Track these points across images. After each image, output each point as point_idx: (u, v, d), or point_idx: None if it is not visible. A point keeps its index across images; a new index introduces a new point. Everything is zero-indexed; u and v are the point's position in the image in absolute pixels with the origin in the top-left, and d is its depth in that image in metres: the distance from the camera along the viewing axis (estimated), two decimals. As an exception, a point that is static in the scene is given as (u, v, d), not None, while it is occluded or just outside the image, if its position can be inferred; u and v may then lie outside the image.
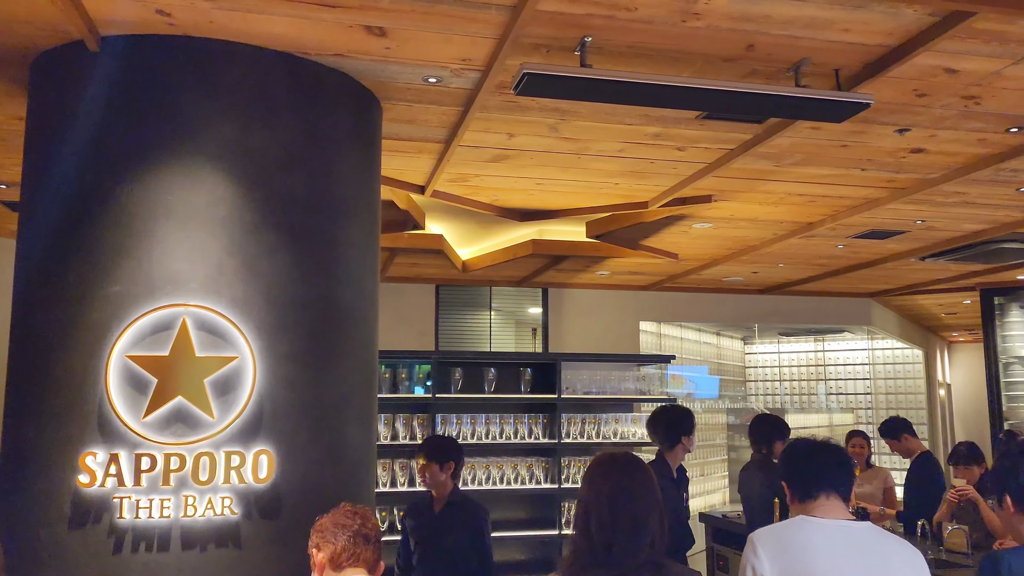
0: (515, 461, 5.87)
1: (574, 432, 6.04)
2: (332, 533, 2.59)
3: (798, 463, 2.45)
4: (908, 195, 5.32)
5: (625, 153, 4.59)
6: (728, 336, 12.58)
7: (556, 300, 8.98)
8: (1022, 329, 9.08)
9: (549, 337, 8.85)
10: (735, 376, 12.95)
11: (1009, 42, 3.21)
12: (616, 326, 9.07)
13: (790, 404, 13.23)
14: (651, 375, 6.99)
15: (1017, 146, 4.42)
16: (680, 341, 10.76)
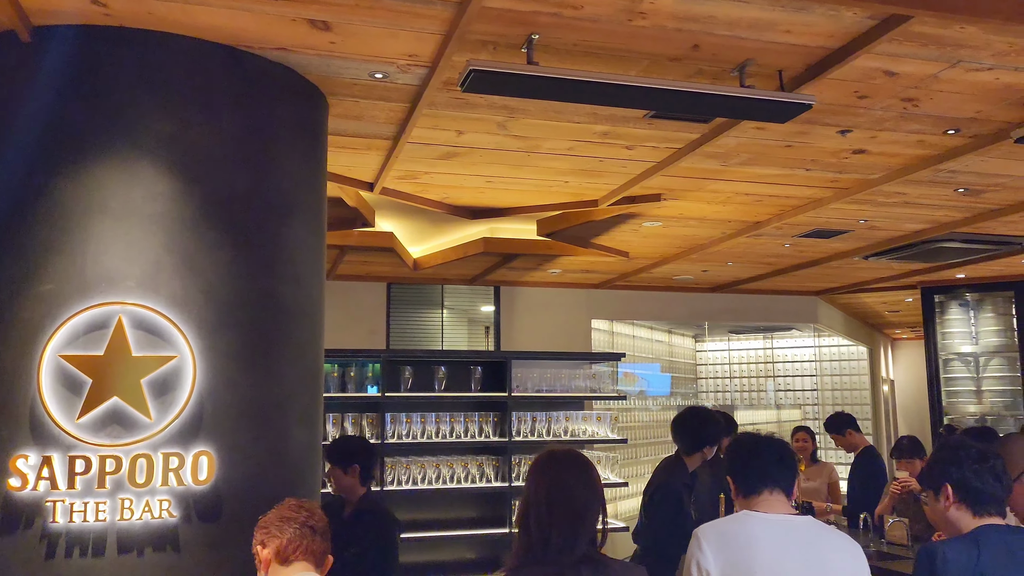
0: (465, 460, 5.85)
1: (525, 430, 6.04)
2: (277, 527, 2.53)
3: (742, 459, 2.47)
4: (851, 195, 5.42)
5: (574, 151, 4.59)
6: (680, 334, 12.72)
7: (508, 298, 8.98)
8: (961, 326, 9.33)
9: (501, 335, 8.84)
10: (687, 373, 13.10)
11: (945, 46, 3.29)
12: (568, 324, 9.10)
13: (740, 401, 13.43)
14: (602, 373, 7.03)
15: (954, 148, 4.53)
16: (632, 339, 10.84)
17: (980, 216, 6.03)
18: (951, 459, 2.50)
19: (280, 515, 2.53)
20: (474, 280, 8.68)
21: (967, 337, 9.26)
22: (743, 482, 2.45)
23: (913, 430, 14.53)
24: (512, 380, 6.09)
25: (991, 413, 9.04)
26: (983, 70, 3.51)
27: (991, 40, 3.23)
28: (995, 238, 6.70)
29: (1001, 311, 9.11)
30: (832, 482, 6.36)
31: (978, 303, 9.25)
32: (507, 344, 8.82)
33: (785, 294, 10.16)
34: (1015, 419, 8.60)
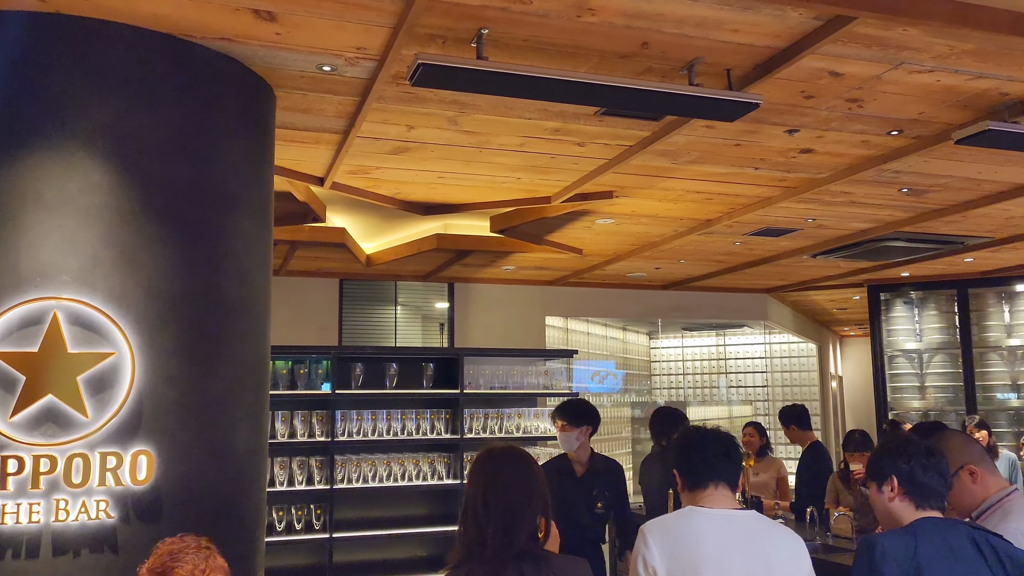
0: (416, 457, 5.81)
1: (477, 427, 6.02)
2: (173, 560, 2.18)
3: (688, 453, 2.49)
4: (799, 194, 5.51)
5: (526, 148, 4.59)
6: (634, 331, 12.82)
7: (462, 295, 8.95)
8: (906, 324, 9.56)
9: (456, 332, 8.81)
10: (640, 370, 13.21)
11: (888, 47, 3.35)
12: (522, 321, 9.11)
13: (693, 397, 13.58)
14: (555, 370, 7.03)
15: (898, 148, 4.62)
16: (587, 336, 10.90)
17: (923, 216, 6.18)
18: (900, 452, 2.55)
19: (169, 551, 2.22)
20: (428, 276, 8.64)
21: (911, 334, 9.49)
22: (689, 477, 2.47)
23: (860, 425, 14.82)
24: (464, 377, 6.07)
25: (934, 409, 9.28)
26: (925, 72, 3.58)
27: (932, 42, 3.30)
28: (938, 237, 6.87)
29: (944, 309, 9.35)
30: (781, 477, 6.46)
31: (922, 301, 9.48)
32: (462, 341, 8.79)
33: (736, 292, 10.31)
34: (957, 414, 8.83)
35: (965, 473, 2.72)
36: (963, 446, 2.79)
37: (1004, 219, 6.29)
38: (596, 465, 4.41)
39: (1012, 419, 8.86)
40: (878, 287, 9.55)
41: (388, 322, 8.74)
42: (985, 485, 2.73)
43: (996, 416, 8.84)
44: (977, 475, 2.73)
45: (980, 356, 9.07)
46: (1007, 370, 8.99)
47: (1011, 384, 8.95)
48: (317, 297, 8.35)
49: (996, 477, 2.78)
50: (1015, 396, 8.91)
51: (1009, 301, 9.04)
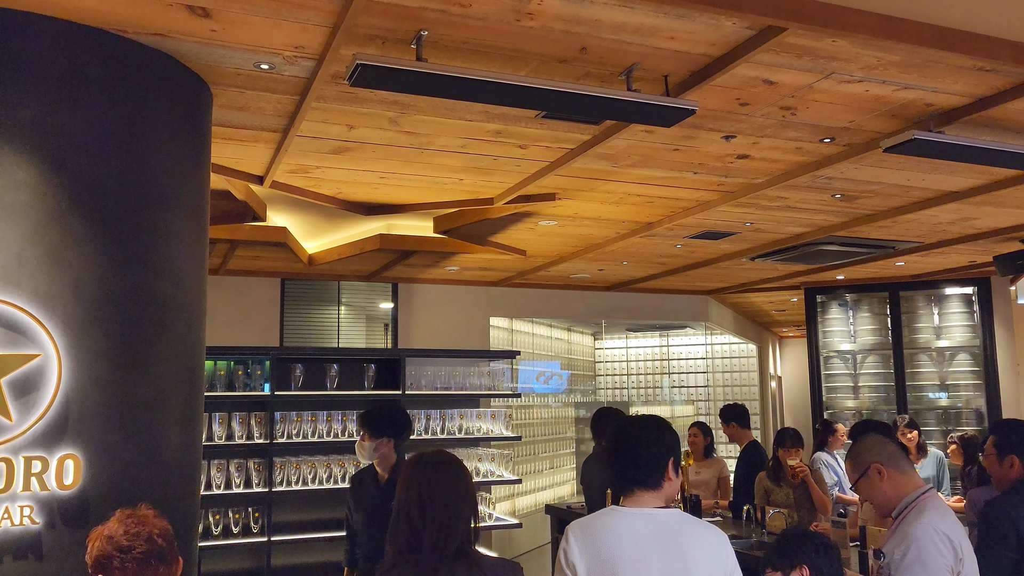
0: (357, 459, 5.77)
1: (419, 428, 6.01)
2: (118, 566, 2.16)
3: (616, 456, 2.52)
4: (736, 198, 5.62)
5: (468, 149, 4.59)
6: (579, 332, 12.91)
7: (406, 295, 8.92)
8: (841, 325, 9.82)
9: (400, 332, 8.78)
10: (585, 370, 13.29)
11: (819, 57, 3.44)
12: (467, 321, 9.11)
13: (636, 397, 13.74)
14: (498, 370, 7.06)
15: (830, 155, 4.75)
16: (532, 337, 10.94)
17: (856, 221, 6.36)
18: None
19: (116, 544, 2.20)
20: (371, 277, 8.59)
21: (846, 336, 9.76)
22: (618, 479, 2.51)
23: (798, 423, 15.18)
24: (406, 378, 6.05)
25: (867, 408, 9.55)
26: (854, 82, 3.69)
27: (860, 54, 3.40)
28: (870, 242, 7.08)
29: (877, 311, 9.63)
30: (723, 476, 6.58)
31: (856, 303, 9.75)
32: (407, 341, 8.76)
33: (678, 293, 10.46)
34: (888, 414, 9.09)
35: (873, 472, 2.84)
36: (874, 447, 2.90)
37: (932, 225, 6.51)
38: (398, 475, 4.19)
39: (941, 418, 9.17)
40: (814, 289, 9.80)
41: (331, 322, 8.66)
42: (896, 484, 2.84)
43: (925, 415, 9.14)
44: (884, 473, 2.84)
45: (911, 357, 9.37)
46: (936, 370, 9.30)
47: (940, 384, 9.26)
48: (258, 297, 8.23)
49: (910, 477, 2.89)
50: (944, 396, 9.23)
51: (938, 304, 9.36)
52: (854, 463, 2.93)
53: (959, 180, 5.27)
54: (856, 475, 2.91)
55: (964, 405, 9.12)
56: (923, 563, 2.61)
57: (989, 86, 3.74)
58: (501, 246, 7.19)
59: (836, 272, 8.87)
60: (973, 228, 6.69)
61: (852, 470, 2.94)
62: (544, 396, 11.32)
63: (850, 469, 2.96)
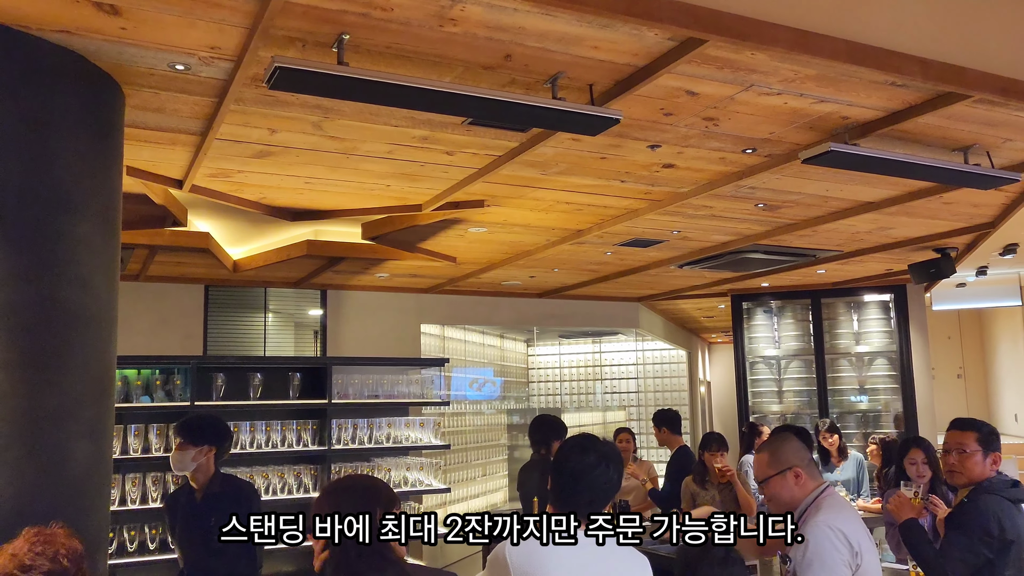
0: (282, 469, 5.65)
1: (346, 438, 5.91)
2: None
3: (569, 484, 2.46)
4: (663, 207, 5.69)
5: (394, 155, 4.54)
6: (511, 339, 12.92)
7: (335, 302, 8.79)
8: (765, 331, 10.05)
9: (328, 340, 8.64)
10: (519, 377, 13.31)
11: (739, 70, 3.50)
12: (397, 329, 9.03)
13: (569, 403, 13.81)
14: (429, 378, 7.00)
15: (752, 166, 4.84)
16: (464, 344, 10.90)
17: (778, 230, 6.50)
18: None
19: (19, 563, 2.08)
20: (299, 283, 8.44)
21: (771, 341, 9.99)
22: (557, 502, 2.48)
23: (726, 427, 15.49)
24: (333, 386, 5.95)
25: (791, 412, 9.79)
26: (773, 94, 3.77)
27: (778, 67, 3.47)
28: (792, 250, 7.25)
29: (800, 317, 9.89)
30: (651, 478, 6.66)
31: (780, 310, 9.99)
32: (336, 349, 8.63)
33: (609, 300, 10.56)
34: (811, 417, 9.34)
35: (791, 474, 2.91)
36: (796, 451, 2.97)
37: (850, 234, 6.71)
38: (214, 489, 3.98)
39: (860, 421, 9.46)
40: (740, 296, 10.01)
41: (258, 330, 8.47)
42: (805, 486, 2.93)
43: (846, 419, 9.41)
44: (801, 477, 2.92)
45: (832, 362, 9.64)
46: (856, 375, 9.59)
47: (859, 388, 9.55)
48: (181, 304, 8.00)
49: (816, 479, 2.98)
50: (864, 399, 9.52)
51: (857, 310, 9.66)
52: (774, 460, 2.97)
53: (875, 191, 5.43)
54: (772, 472, 2.95)
55: (883, 408, 9.43)
56: (820, 559, 2.70)
57: (901, 100, 3.86)
58: (431, 253, 7.14)
59: (761, 279, 9.07)
60: (889, 237, 6.92)
61: (769, 466, 2.98)
62: (477, 403, 11.28)
63: (766, 464, 2.99)
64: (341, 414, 6.02)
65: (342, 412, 6.05)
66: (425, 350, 9.41)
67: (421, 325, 9.33)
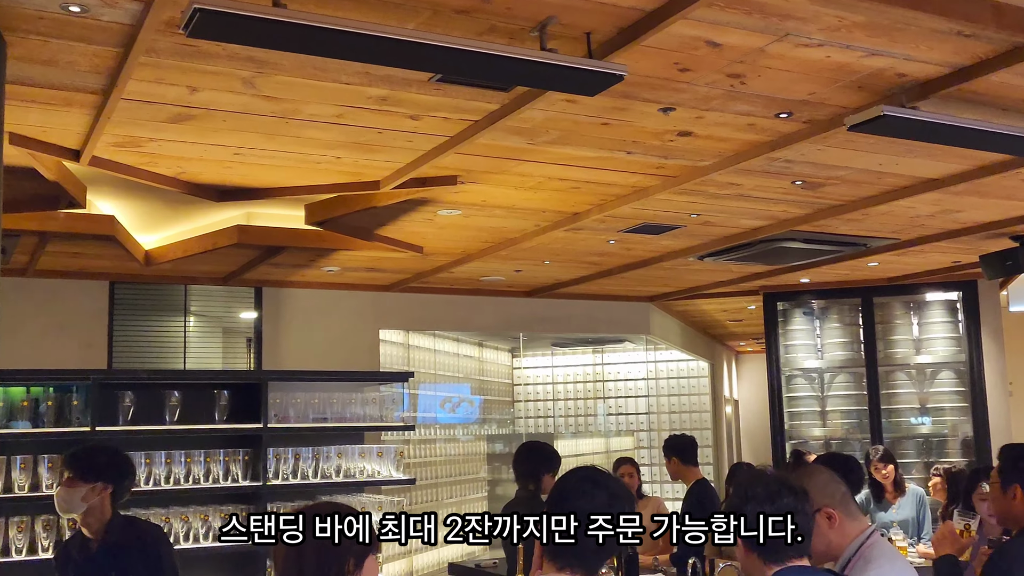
0: (206, 511, 5.63)
1: (285, 471, 5.90)
2: None
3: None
4: (679, 184, 5.71)
5: (345, 119, 4.54)
6: (492, 348, 12.93)
7: (273, 303, 8.78)
8: (805, 338, 10.10)
9: (265, 350, 8.64)
10: (502, 395, 13.33)
11: (771, 15, 3.51)
12: (351, 336, 9.02)
13: (565, 428, 13.84)
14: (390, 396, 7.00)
15: (788, 134, 4.87)
16: (433, 354, 10.91)
17: (821, 213, 6.55)
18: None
19: None
20: (229, 279, 8.42)
21: (812, 350, 10.05)
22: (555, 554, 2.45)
23: (757, 456, 15.57)
24: (270, 408, 5.95)
25: (837, 437, 9.85)
26: (813, 46, 3.79)
27: (819, 12, 3.48)
28: (837, 238, 7.30)
29: (848, 320, 9.96)
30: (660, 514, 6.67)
31: (823, 312, 10.06)
32: (274, 361, 8.62)
33: (614, 300, 10.59)
34: (861, 443, 9.41)
35: (822, 516, 2.89)
36: (826, 486, 2.96)
37: (908, 218, 6.76)
38: (112, 537, 3.90)
39: (921, 447, 9.53)
40: (775, 295, 10.07)
41: (176, 338, 8.45)
42: (843, 531, 2.92)
43: (904, 445, 9.49)
44: (835, 519, 2.91)
45: (886, 375, 9.72)
46: (915, 391, 9.66)
47: (920, 407, 9.63)
48: (79, 304, 7.96)
49: (856, 521, 2.97)
50: (926, 421, 9.59)
51: (918, 312, 9.73)
52: None
53: (939, 165, 5.47)
54: None
55: (949, 432, 9.51)
56: None
57: (969, 54, 3.89)
58: (392, 241, 7.15)
59: (800, 274, 9.12)
60: (956, 222, 6.97)
61: None
62: (450, 428, 11.29)
63: None
64: (280, 442, 6.01)
65: (281, 439, 6.04)
66: (385, 362, 9.40)
67: (380, 331, 9.33)
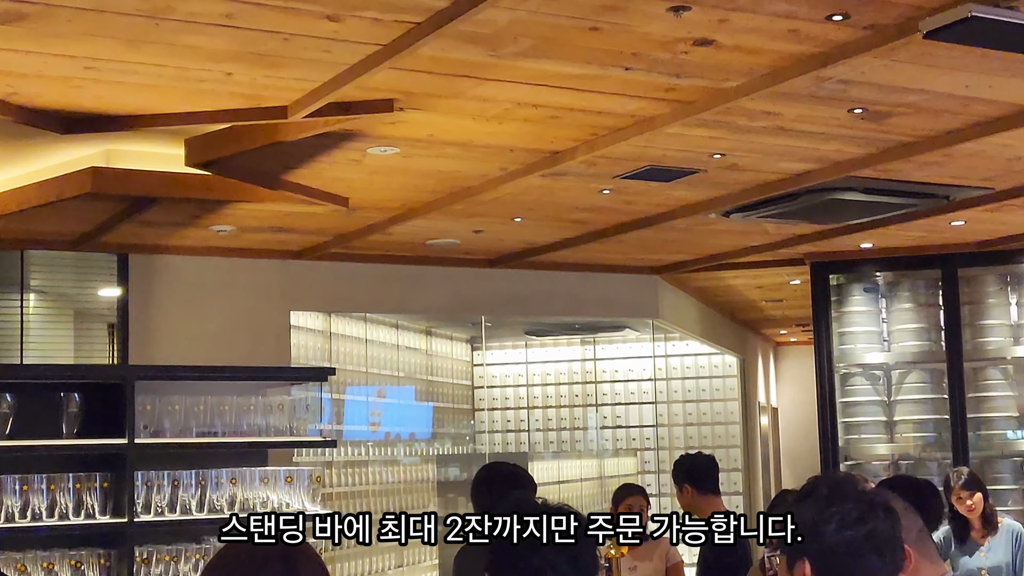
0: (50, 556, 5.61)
1: (158, 503, 5.88)
2: None
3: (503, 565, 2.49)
4: (697, 113, 5.69)
5: (238, 20, 4.49)
6: (445, 336, 12.91)
7: (143, 276, 8.74)
8: (868, 324, 10.12)
9: (132, 338, 8.60)
10: (458, 401, 13.32)
11: None
12: (250, 321, 8.99)
13: (543, 445, 13.85)
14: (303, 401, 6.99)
15: (843, 44, 4.86)
16: (365, 345, 10.88)
17: (887, 153, 6.56)
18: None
19: None
20: (82, 243, 8.40)
21: (876, 340, 10.09)
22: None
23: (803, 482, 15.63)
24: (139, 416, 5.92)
25: (907, 456, 9.90)
26: (876, -79, 3.78)
27: None
28: (911, 188, 7.33)
29: (924, 300, 10.00)
30: (673, 565, 6.71)
31: (891, 288, 10.10)
32: (145, 354, 8.58)
33: (608, 271, 10.59)
34: (940, 464, 9.48)
35: None
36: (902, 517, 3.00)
37: (1005, 161, 6.80)
38: None
39: (1020, 470, 9.58)
40: (826, 266, 10.10)
41: (10, 322, 8.41)
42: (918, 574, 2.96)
43: (997, 467, 9.56)
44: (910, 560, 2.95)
45: (975, 373, 9.80)
46: (1013, 394, 9.71)
47: (1019, 416, 9.66)
48: None
49: (934, 565, 3.07)
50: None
51: (1017, 288, 9.79)
52: None
53: (1047, 88, 5.50)
54: None
55: (1057, 449, 9.61)
56: None
57: (1087, -66, 3.90)
58: (306, 191, 7.11)
59: (860, 237, 9.15)
60: (1069, 166, 7.02)
61: None
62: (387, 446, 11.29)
63: None
64: (152, 462, 5.98)
65: (153, 460, 6.02)
66: (298, 356, 9.39)
67: (291, 313, 9.31)
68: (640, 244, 9.39)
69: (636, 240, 9.13)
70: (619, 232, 8.72)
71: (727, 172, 7.01)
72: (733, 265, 10.52)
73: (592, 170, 6.86)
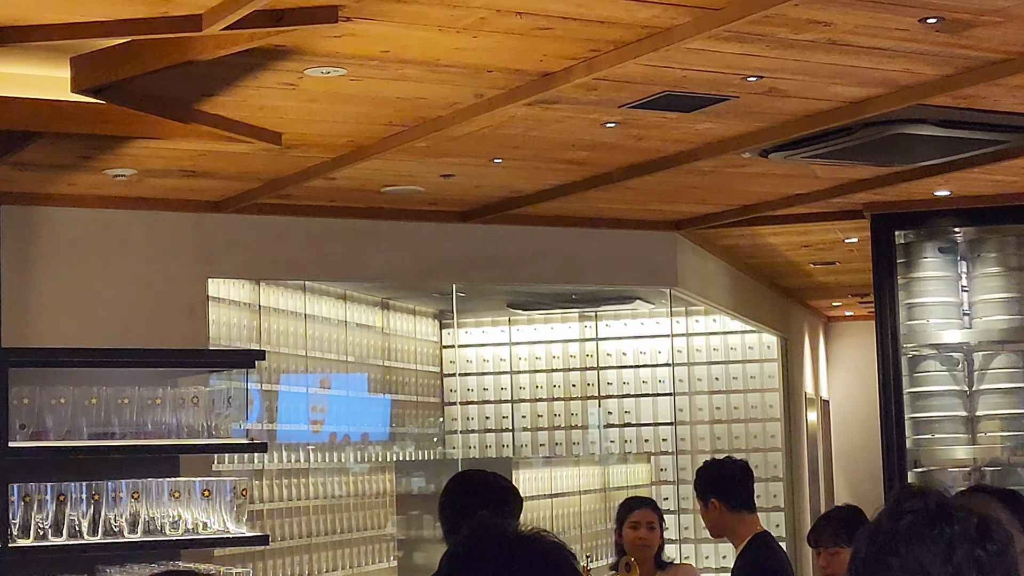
0: None
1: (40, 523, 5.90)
2: None
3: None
4: (727, 23, 5.67)
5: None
6: (407, 310, 12.93)
7: (19, 232, 8.72)
8: (944, 293, 10.13)
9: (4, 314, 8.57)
10: (424, 393, 13.35)
11: None
12: (157, 291, 9.00)
13: (531, 448, 13.88)
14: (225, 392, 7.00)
15: (913, -67, 4.87)
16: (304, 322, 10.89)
17: (968, 74, 6.56)
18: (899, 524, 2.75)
19: None
20: (-60, 191, 8.36)
21: (954, 312, 10.11)
22: None
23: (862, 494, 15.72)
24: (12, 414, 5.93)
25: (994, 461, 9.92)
26: None
27: None
28: (998, 120, 7.33)
29: (1015, 263, 10.00)
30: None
31: (973, 247, 10.11)
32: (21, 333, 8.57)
33: (615, 227, 10.61)
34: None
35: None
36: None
37: (1120, 86, 6.81)
38: None
39: None
40: (890, 218, 10.10)
41: None
42: None
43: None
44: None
45: (1079, 357, 9.84)
46: None
47: None
48: None
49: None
50: None
51: None
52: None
53: None
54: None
55: None
56: None
57: None
58: (228, 123, 7.10)
59: (935, 182, 9.17)
60: None
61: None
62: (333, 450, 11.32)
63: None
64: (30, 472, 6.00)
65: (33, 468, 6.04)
66: (217, 335, 9.41)
67: (208, 281, 9.32)
68: (654, 192, 9.41)
69: (649, 187, 9.15)
70: (627, 177, 8.73)
71: (765, 99, 7.01)
72: (773, 219, 10.53)
73: (593, 97, 6.85)
